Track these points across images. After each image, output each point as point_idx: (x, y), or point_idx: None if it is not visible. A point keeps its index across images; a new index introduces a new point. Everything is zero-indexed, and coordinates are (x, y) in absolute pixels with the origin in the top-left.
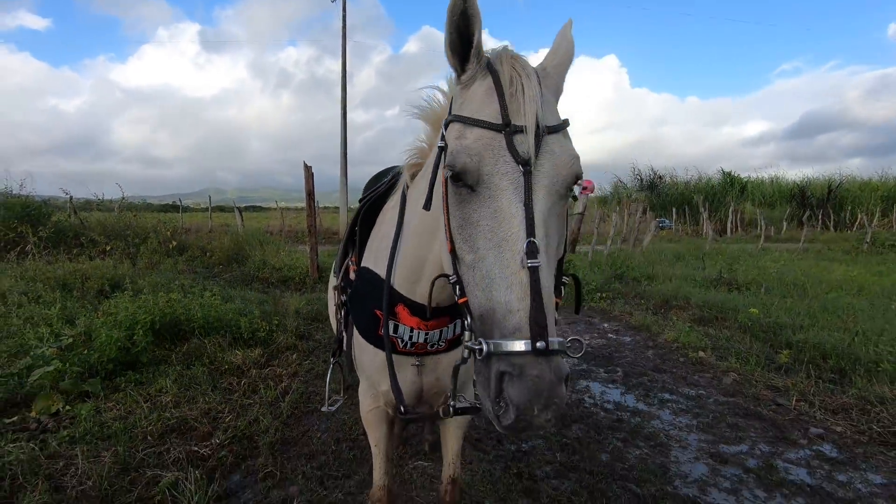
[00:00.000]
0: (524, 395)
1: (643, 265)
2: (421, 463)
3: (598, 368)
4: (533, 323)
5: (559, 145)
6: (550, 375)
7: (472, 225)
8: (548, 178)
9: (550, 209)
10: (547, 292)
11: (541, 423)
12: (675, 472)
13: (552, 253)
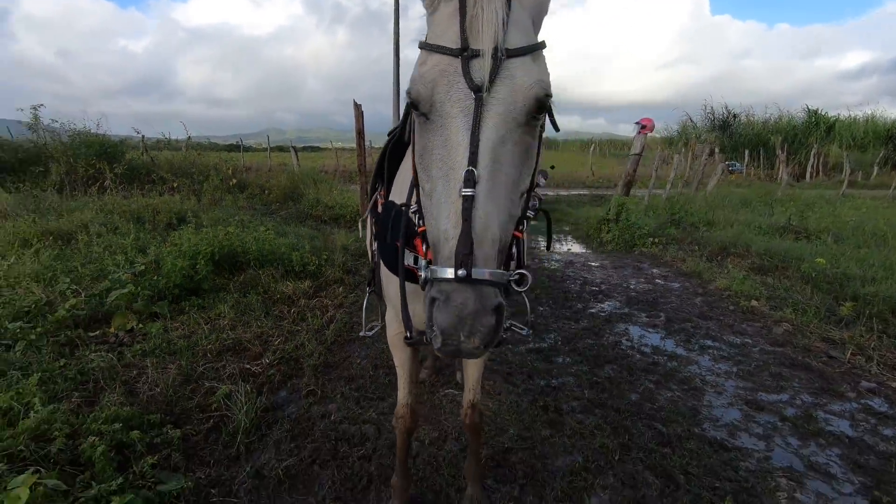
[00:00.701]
0: (447, 320)
1: (703, 210)
2: (451, 391)
3: (640, 313)
4: (459, 251)
5: (522, 69)
6: (475, 304)
7: (428, 154)
8: (502, 104)
9: (504, 137)
10: (482, 222)
11: (469, 349)
12: (705, 416)
13: (503, 183)
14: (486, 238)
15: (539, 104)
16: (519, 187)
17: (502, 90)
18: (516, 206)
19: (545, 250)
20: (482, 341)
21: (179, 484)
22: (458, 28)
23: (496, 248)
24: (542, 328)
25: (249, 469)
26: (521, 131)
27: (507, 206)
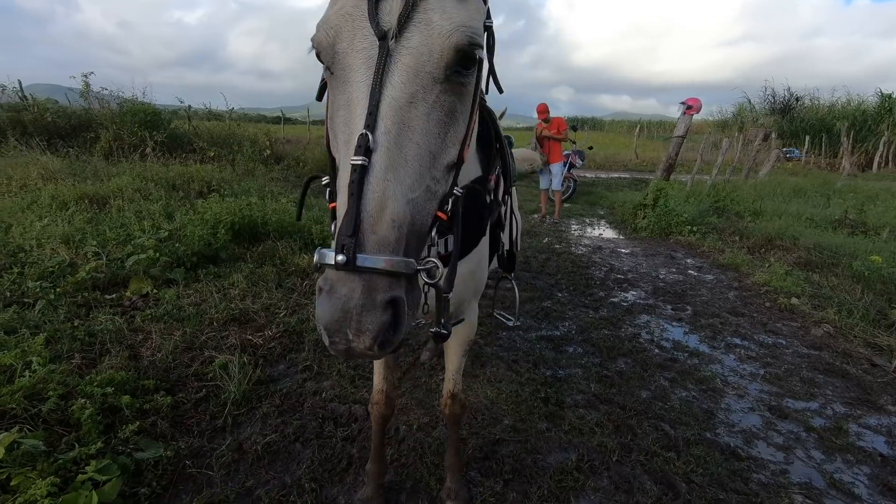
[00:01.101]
0: (328, 315)
1: (751, 199)
2: None
3: (666, 305)
4: (342, 232)
5: (441, 13)
6: (362, 297)
7: (335, 116)
8: (412, 55)
9: (415, 95)
10: (377, 199)
11: (360, 350)
12: (720, 420)
13: (413, 152)
14: (382, 218)
15: (461, 55)
16: (440, 159)
17: (415, 37)
18: (438, 181)
19: (573, 234)
20: (374, 341)
21: (157, 452)
22: None
23: (400, 232)
24: (556, 316)
25: (230, 442)
26: (440, 89)
27: (419, 181)
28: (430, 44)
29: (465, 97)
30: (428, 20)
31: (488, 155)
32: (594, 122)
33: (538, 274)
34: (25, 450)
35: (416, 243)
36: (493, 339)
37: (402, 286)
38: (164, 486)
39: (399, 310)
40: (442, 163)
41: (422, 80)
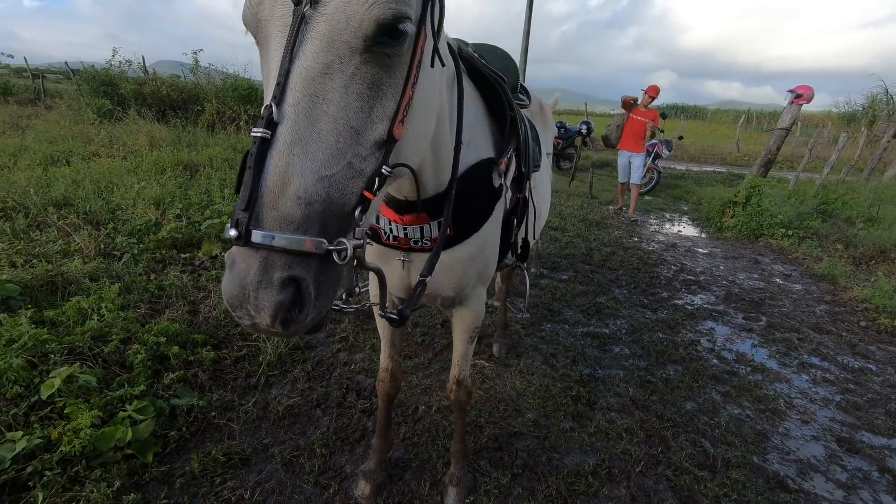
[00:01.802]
0: (226, 288)
1: (867, 203)
2: (481, 362)
3: (737, 313)
4: (237, 207)
5: None
6: (257, 274)
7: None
8: (328, 22)
9: (330, 66)
10: (278, 174)
11: (264, 327)
12: (773, 445)
13: (329, 126)
14: (285, 194)
15: (382, 28)
16: (365, 135)
17: (332, 5)
18: (364, 158)
19: (648, 229)
20: (273, 319)
21: (191, 401)
22: None
23: (310, 209)
24: (608, 313)
25: (257, 399)
26: (360, 60)
27: (337, 158)
28: (347, 11)
29: (393, 70)
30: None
31: (503, 135)
32: (696, 111)
33: (598, 268)
34: (81, 384)
35: (338, 223)
36: (535, 330)
37: (307, 265)
38: (192, 432)
39: (302, 289)
40: (368, 139)
41: (338, 49)
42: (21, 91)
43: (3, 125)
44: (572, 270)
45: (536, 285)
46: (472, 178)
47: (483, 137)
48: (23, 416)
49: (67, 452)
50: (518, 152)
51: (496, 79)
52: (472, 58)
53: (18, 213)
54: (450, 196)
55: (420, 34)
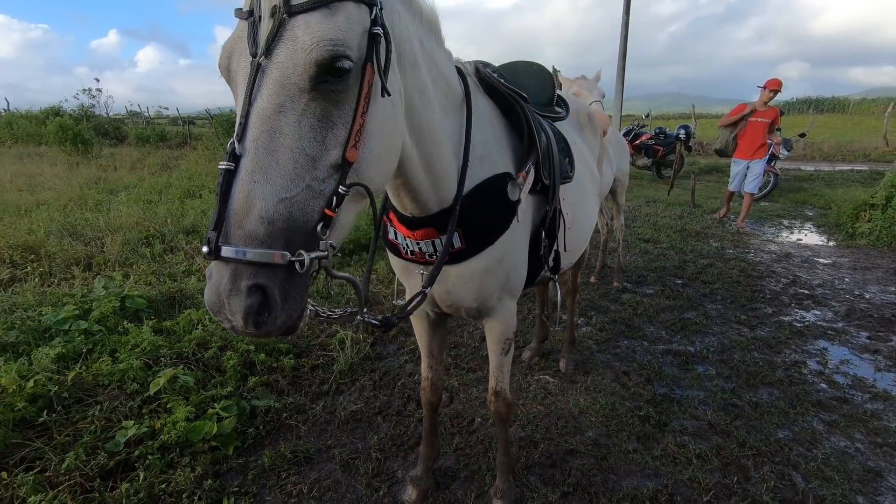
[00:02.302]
0: (206, 296)
1: None
2: (546, 377)
3: (860, 331)
4: (211, 227)
5: (305, 28)
6: (228, 283)
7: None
8: (279, 69)
9: (283, 105)
10: (242, 199)
11: (241, 329)
12: (889, 486)
13: (287, 156)
14: (249, 215)
15: (319, 66)
16: (321, 160)
17: (282, 53)
18: (323, 180)
19: (757, 238)
20: (245, 322)
21: (269, 402)
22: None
23: (272, 227)
24: (696, 329)
25: (326, 404)
26: (308, 98)
27: (296, 181)
28: (294, 58)
29: (341, 103)
30: (293, 36)
31: (524, 149)
32: (833, 103)
33: (691, 281)
34: (181, 383)
35: (303, 238)
36: (609, 346)
37: (272, 275)
38: (267, 430)
39: (268, 295)
40: (324, 164)
41: (288, 90)
42: (172, 137)
43: (156, 166)
44: (660, 284)
45: (617, 300)
46: (484, 193)
47: (500, 152)
48: (137, 409)
49: (166, 441)
50: (539, 165)
51: (513, 96)
52: (490, 77)
53: (157, 239)
54: (454, 211)
55: (366, 70)
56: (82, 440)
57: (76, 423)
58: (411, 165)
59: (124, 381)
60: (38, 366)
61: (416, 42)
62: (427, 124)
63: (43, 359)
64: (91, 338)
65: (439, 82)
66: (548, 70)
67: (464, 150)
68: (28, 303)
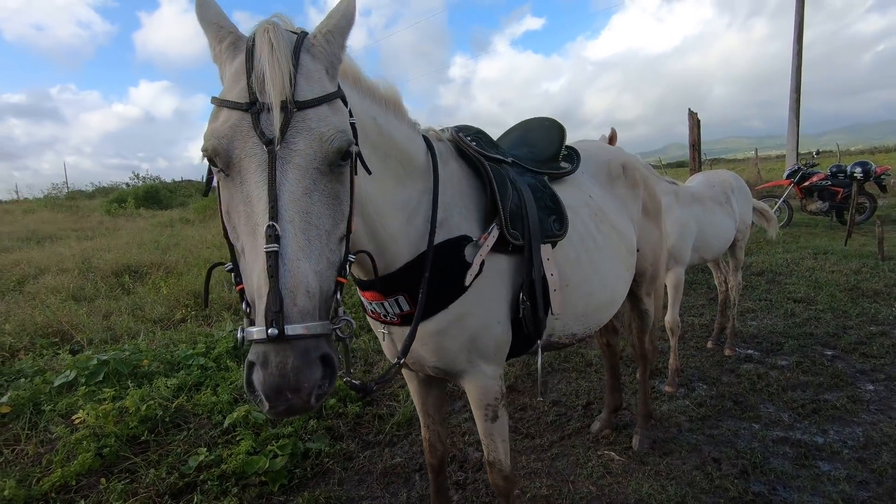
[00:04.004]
0: (270, 382)
1: None
2: (609, 453)
3: None
4: (268, 309)
5: (319, 120)
6: (297, 360)
7: (233, 211)
8: (302, 156)
9: (309, 188)
10: (292, 277)
11: (300, 405)
12: None
13: (315, 233)
14: (299, 292)
15: (340, 153)
16: (334, 235)
17: (301, 142)
18: (334, 252)
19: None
20: (310, 395)
21: (319, 446)
22: (245, 82)
23: (314, 300)
24: (834, 416)
25: (373, 453)
26: (327, 180)
27: (321, 256)
28: (315, 147)
29: (344, 182)
30: (309, 127)
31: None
32: None
33: (846, 353)
34: (254, 419)
35: (327, 306)
36: (706, 426)
37: (329, 344)
38: (314, 473)
39: (331, 363)
40: (335, 237)
41: (311, 175)
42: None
43: None
44: (800, 354)
45: (734, 370)
46: (437, 258)
47: (464, 215)
48: (215, 438)
49: (225, 470)
50: (505, 225)
51: (479, 159)
52: (460, 141)
53: None
54: (396, 276)
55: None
56: (167, 460)
57: (168, 444)
58: (356, 235)
59: (213, 412)
60: (156, 393)
61: (369, 119)
62: (371, 196)
63: (163, 387)
64: (206, 372)
65: (394, 154)
66: (559, 126)
67: (432, 216)
68: (181, 339)
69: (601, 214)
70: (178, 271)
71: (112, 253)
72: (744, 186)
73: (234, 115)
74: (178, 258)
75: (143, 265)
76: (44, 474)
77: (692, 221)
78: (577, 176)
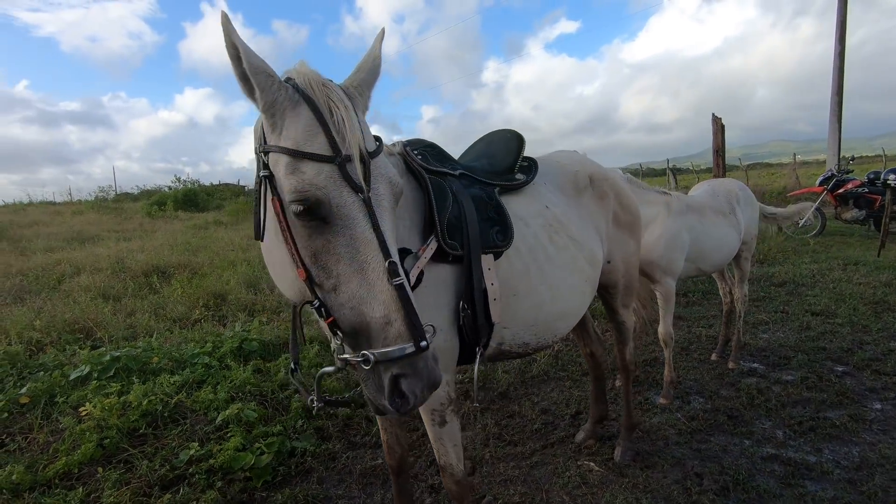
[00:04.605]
0: (419, 386)
1: None
2: (589, 464)
3: None
4: (412, 329)
5: (384, 167)
6: (432, 364)
7: (327, 253)
8: (386, 199)
9: (394, 224)
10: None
11: (424, 400)
12: None
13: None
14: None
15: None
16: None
17: (381, 188)
18: None
19: None
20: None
21: (305, 445)
22: (325, 136)
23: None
24: (832, 434)
25: (356, 454)
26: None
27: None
28: (389, 190)
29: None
30: (382, 173)
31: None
32: None
33: (858, 370)
34: (245, 417)
35: None
36: (695, 440)
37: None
38: (297, 471)
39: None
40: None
41: (391, 214)
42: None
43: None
44: (807, 370)
45: (735, 384)
46: None
47: (408, 227)
48: (208, 434)
49: (213, 465)
50: (442, 236)
51: (420, 173)
52: (406, 155)
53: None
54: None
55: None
56: (161, 453)
57: (164, 438)
58: None
59: (209, 409)
60: (159, 389)
61: None
62: None
63: (166, 384)
64: (209, 371)
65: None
66: (518, 137)
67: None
68: (193, 338)
69: (557, 225)
70: (202, 272)
71: (145, 254)
72: (750, 196)
73: (324, 167)
74: (205, 260)
75: (171, 266)
76: (50, 462)
77: (684, 232)
78: (535, 187)
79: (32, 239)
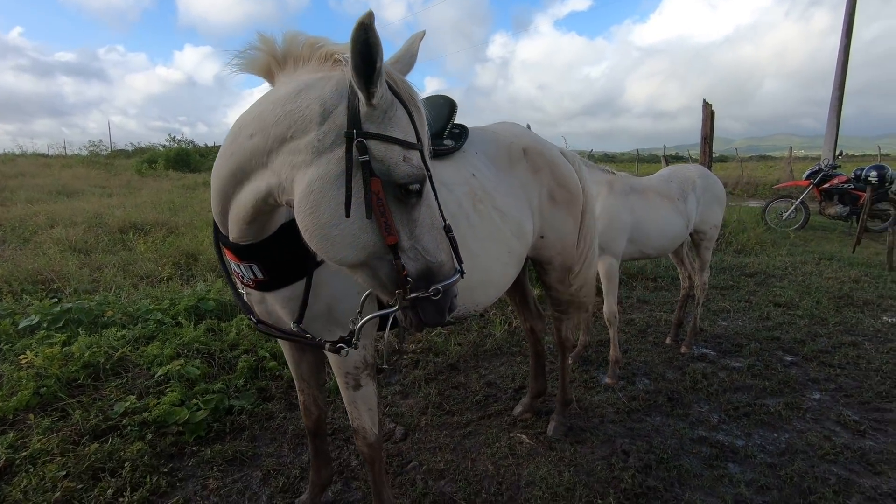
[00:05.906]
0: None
1: None
2: (520, 436)
3: None
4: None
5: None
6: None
7: (414, 221)
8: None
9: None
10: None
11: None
12: None
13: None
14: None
15: None
16: None
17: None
18: None
19: None
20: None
21: (243, 404)
22: (413, 127)
23: None
24: (764, 421)
25: (288, 415)
26: None
27: None
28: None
29: None
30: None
31: None
32: None
33: (806, 360)
34: (188, 374)
35: None
36: (631, 419)
37: None
38: (232, 429)
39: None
40: None
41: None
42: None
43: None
44: (756, 357)
45: (682, 368)
46: (284, 234)
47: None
48: (148, 388)
49: (147, 418)
50: None
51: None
52: None
53: None
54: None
55: None
56: (97, 404)
57: (103, 390)
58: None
59: (153, 364)
60: (104, 342)
61: None
62: None
63: (112, 338)
64: (161, 327)
65: None
66: (451, 103)
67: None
68: (155, 295)
69: (483, 194)
70: (179, 232)
71: (123, 210)
72: (712, 186)
73: (418, 154)
74: (185, 220)
75: (148, 224)
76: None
77: (625, 213)
78: (464, 154)
79: (16, 190)
